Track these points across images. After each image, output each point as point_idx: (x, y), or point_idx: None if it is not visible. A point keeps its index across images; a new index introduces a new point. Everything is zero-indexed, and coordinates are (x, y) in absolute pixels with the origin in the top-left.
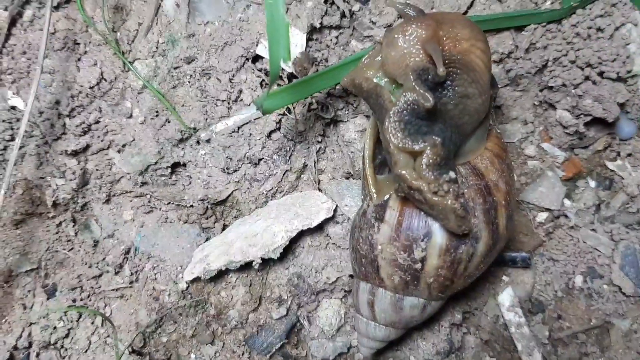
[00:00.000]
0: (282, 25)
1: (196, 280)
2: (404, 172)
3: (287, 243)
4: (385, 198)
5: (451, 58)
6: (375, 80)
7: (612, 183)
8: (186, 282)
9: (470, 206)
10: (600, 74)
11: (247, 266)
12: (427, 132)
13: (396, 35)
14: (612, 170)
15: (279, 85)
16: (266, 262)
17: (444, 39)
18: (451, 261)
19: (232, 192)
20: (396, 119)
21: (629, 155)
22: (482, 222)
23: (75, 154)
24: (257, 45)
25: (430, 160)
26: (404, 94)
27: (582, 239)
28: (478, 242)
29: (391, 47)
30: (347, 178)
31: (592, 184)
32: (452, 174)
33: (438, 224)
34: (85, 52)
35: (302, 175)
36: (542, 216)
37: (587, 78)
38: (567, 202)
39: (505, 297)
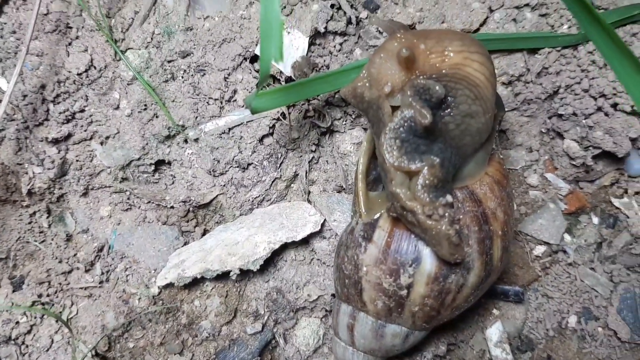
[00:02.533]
0: (276, 23)
1: (169, 286)
2: (398, 190)
3: (269, 255)
4: (376, 217)
5: (441, 72)
6: (378, 91)
7: (616, 221)
8: (158, 287)
9: (465, 233)
10: (614, 105)
11: (224, 276)
12: (425, 151)
13: (375, 53)
14: (617, 208)
15: None
16: (245, 274)
17: (428, 53)
18: (439, 291)
19: (217, 196)
20: (392, 135)
21: (637, 193)
22: (476, 251)
23: (56, 142)
24: (256, 45)
25: (427, 181)
26: (402, 110)
27: (580, 277)
28: (469, 272)
29: (371, 64)
30: (339, 192)
31: (595, 220)
32: (449, 198)
33: (429, 250)
34: (77, 37)
35: (292, 185)
36: (540, 250)
37: (599, 109)
38: (567, 237)
39: (494, 331)
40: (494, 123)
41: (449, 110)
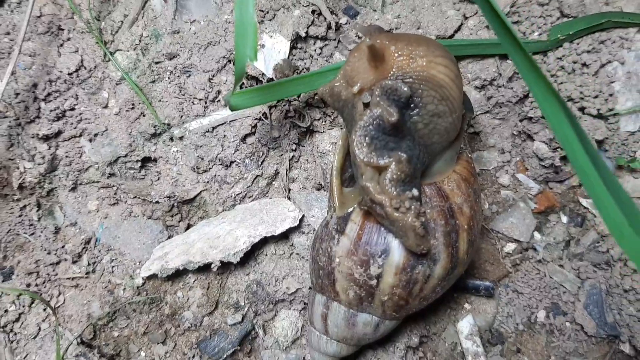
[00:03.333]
0: (250, 25)
1: (153, 277)
2: (368, 184)
3: (249, 248)
4: (349, 211)
5: (407, 74)
6: (354, 89)
7: (584, 220)
8: (143, 279)
9: (432, 227)
10: (582, 109)
11: (206, 268)
12: (394, 148)
13: (351, 52)
14: (585, 208)
15: None
16: (226, 266)
17: (397, 55)
18: (407, 281)
19: (200, 192)
20: (362, 133)
21: None
22: (442, 244)
23: (46, 138)
24: None
25: (394, 176)
26: (370, 108)
27: (549, 273)
28: (436, 264)
29: (346, 63)
30: (319, 189)
31: (564, 219)
32: (415, 192)
33: (397, 242)
34: (69, 39)
35: (273, 182)
36: (510, 247)
37: None
38: (537, 235)
39: (465, 324)
40: (463, 123)
41: (417, 110)
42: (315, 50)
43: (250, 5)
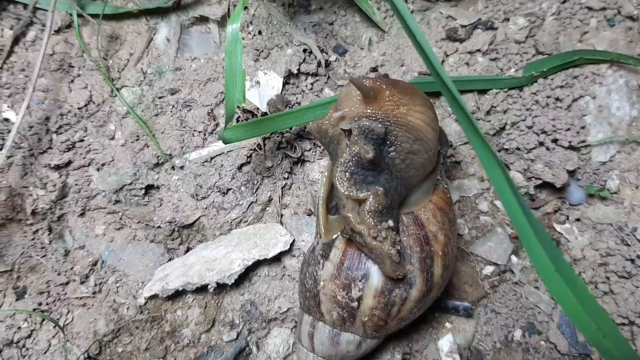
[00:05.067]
0: (239, 72)
1: (154, 297)
2: (349, 214)
3: (243, 271)
4: (333, 237)
5: (388, 117)
6: (340, 128)
7: (558, 245)
8: (145, 298)
9: (408, 253)
10: (554, 141)
11: (203, 289)
12: (372, 181)
13: (347, 83)
14: (560, 233)
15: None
16: (222, 287)
17: (387, 99)
18: (385, 303)
19: (199, 217)
20: (342, 168)
21: (577, 220)
22: (418, 269)
23: (57, 168)
24: None
25: (372, 207)
26: (350, 146)
27: (525, 295)
28: (412, 287)
29: (341, 92)
30: (309, 215)
31: None
32: (391, 222)
33: (376, 267)
34: (79, 75)
35: (267, 208)
36: (489, 269)
37: (541, 144)
38: (513, 258)
39: (445, 342)
40: (439, 158)
41: (393, 147)
42: (306, 85)
43: (239, 55)
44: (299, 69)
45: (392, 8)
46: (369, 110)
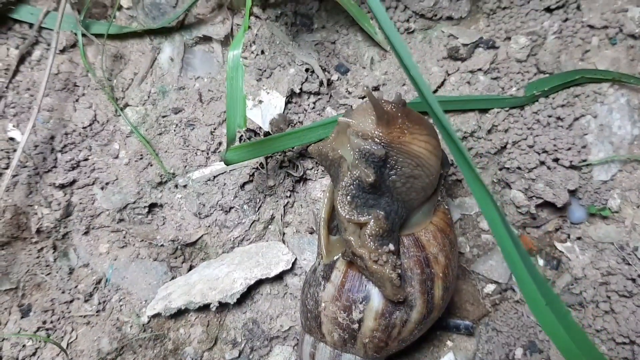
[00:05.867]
0: (240, 97)
1: (157, 315)
2: (350, 238)
3: (245, 290)
4: (335, 259)
5: (392, 143)
6: (340, 152)
7: (559, 263)
8: (148, 317)
9: (408, 275)
10: (556, 160)
11: (205, 307)
12: (373, 205)
13: (363, 104)
14: (560, 251)
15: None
16: (224, 305)
17: (398, 127)
18: (386, 325)
19: (202, 235)
20: (343, 192)
21: (579, 238)
22: (418, 291)
23: (62, 186)
24: None
25: (373, 232)
26: (351, 170)
27: (526, 313)
28: (412, 309)
29: (357, 107)
30: (311, 233)
31: (541, 262)
32: (391, 246)
33: (376, 290)
34: (83, 95)
35: (269, 226)
36: (490, 288)
37: (542, 163)
38: (514, 277)
39: None
40: (440, 180)
41: (394, 171)
42: (308, 104)
43: (240, 80)
44: (301, 88)
45: (379, 27)
46: (376, 132)
